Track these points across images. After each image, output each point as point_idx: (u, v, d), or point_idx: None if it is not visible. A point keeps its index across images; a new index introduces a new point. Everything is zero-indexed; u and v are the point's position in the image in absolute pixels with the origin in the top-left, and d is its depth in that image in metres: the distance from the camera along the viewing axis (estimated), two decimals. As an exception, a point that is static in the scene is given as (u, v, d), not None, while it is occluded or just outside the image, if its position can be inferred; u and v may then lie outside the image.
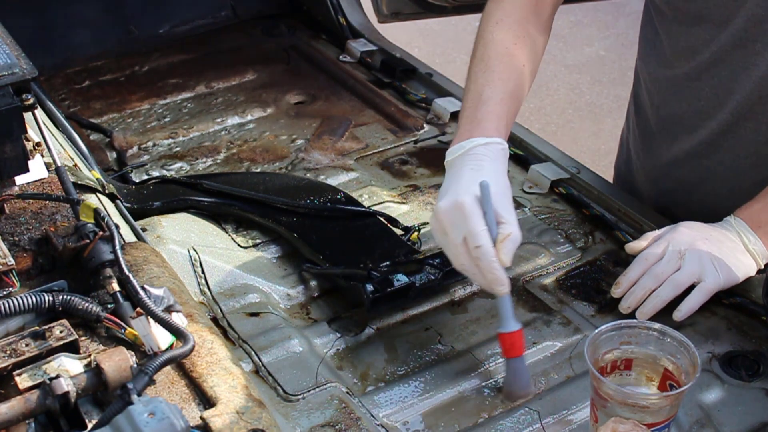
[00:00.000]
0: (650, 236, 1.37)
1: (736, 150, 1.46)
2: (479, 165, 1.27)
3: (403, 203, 1.62)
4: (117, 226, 1.11)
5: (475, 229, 1.19)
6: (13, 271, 1.05)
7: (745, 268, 1.32)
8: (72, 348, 0.97)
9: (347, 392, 1.23)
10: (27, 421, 0.90)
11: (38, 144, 1.16)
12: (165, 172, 1.72)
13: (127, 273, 1.04)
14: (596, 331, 1.14)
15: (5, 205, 1.18)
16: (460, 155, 1.30)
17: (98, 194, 1.32)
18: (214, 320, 1.33)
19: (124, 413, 0.85)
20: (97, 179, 1.38)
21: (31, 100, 1.08)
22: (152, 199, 1.53)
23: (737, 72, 1.39)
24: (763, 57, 1.35)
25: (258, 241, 1.50)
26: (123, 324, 1.01)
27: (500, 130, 1.32)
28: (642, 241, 1.38)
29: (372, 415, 1.20)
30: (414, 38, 4.39)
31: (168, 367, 0.99)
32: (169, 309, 1.03)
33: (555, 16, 1.47)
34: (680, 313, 1.29)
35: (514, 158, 1.73)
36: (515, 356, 1.22)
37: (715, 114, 1.45)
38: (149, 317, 1.00)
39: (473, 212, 1.20)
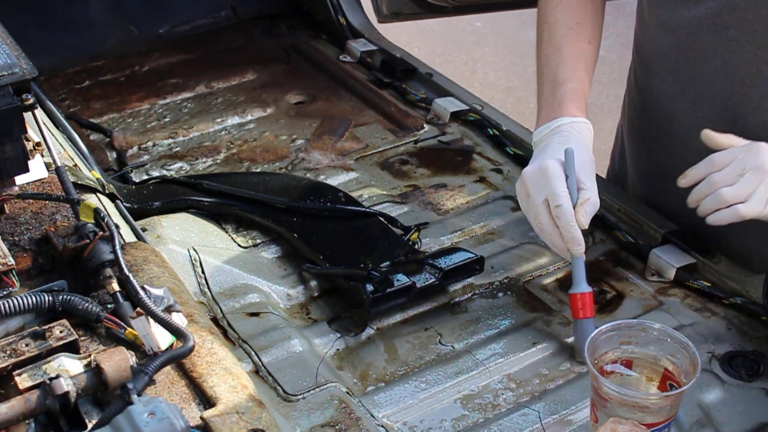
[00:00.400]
0: (733, 139, 1.33)
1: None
2: (566, 139, 1.34)
3: (403, 203, 1.62)
4: (117, 226, 1.11)
5: (557, 190, 1.27)
6: (13, 271, 1.05)
7: None
8: (72, 348, 0.97)
9: (347, 392, 1.23)
10: (27, 421, 0.90)
11: (38, 144, 1.16)
12: (165, 172, 1.72)
13: (127, 273, 1.04)
14: (596, 331, 1.14)
15: (5, 205, 1.18)
16: (548, 134, 1.37)
17: (98, 194, 1.32)
18: (214, 320, 1.33)
19: (124, 413, 0.85)
20: (97, 179, 1.38)
21: (31, 100, 1.08)
22: (152, 199, 1.53)
23: (710, 57, 1.39)
24: (739, 44, 1.35)
25: (258, 241, 1.50)
26: (123, 324, 1.01)
27: (581, 109, 1.39)
28: (722, 138, 1.33)
29: (372, 415, 1.20)
30: (414, 38, 4.38)
31: (168, 367, 0.99)
32: (169, 309, 1.03)
33: None
34: (707, 218, 1.29)
35: (514, 158, 1.73)
36: (584, 317, 1.27)
37: (690, 97, 1.45)
38: (149, 317, 1.00)
39: (556, 174, 1.28)
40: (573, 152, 1.29)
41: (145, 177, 1.69)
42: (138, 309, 1.01)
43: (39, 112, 1.17)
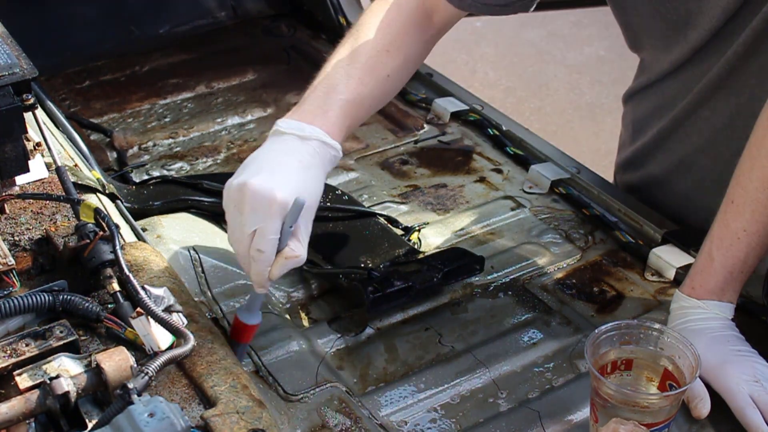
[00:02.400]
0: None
1: (692, 138, 1.46)
2: (309, 163, 1.18)
3: (403, 203, 1.62)
4: (117, 226, 1.11)
5: (267, 233, 1.11)
6: (13, 271, 1.05)
7: None
8: (72, 348, 0.97)
9: (347, 392, 1.23)
10: (27, 421, 0.90)
11: (38, 144, 1.16)
12: (165, 172, 1.72)
13: (127, 273, 1.04)
14: (596, 331, 1.14)
15: (5, 205, 1.18)
16: (295, 137, 1.20)
17: (98, 194, 1.32)
18: (214, 320, 1.33)
19: (124, 413, 0.85)
20: (97, 179, 1.39)
21: (32, 100, 1.09)
22: (152, 199, 1.53)
23: (704, 70, 1.38)
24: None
25: (258, 241, 1.50)
26: (123, 324, 1.01)
27: (342, 132, 1.24)
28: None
29: (372, 415, 1.20)
30: (414, 38, 4.38)
31: (168, 367, 0.99)
32: (169, 309, 1.03)
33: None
34: None
35: (514, 158, 1.73)
36: (242, 342, 1.22)
37: (673, 107, 1.45)
38: (149, 317, 1.00)
39: (276, 215, 1.12)
40: (303, 205, 1.12)
41: (146, 177, 1.69)
42: (138, 309, 1.01)
43: (39, 112, 1.17)
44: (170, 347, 0.99)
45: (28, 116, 1.10)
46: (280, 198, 1.12)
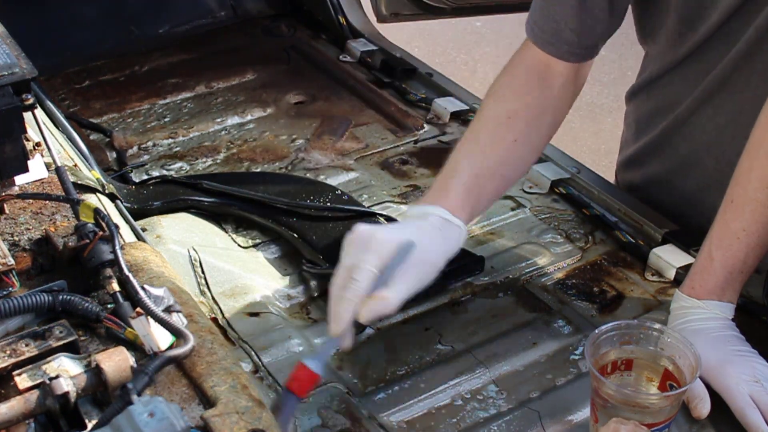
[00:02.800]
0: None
1: (695, 137, 1.46)
2: (427, 229, 1.21)
3: (403, 203, 1.61)
4: (117, 226, 1.11)
5: (365, 264, 1.11)
6: (13, 271, 1.05)
7: None
8: (72, 348, 0.97)
9: (347, 392, 1.23)
10: (27, 421, 0.89)
11: (38, 144, 1.16)
12: (165, 172, 1.72)
13: (127, 273, 1.04)
14: (596, 331, 1.14)
15: (5, 205, 1.18)
16: (417, 215, 1.24)
17: (98, 194, 1.32)
18: (214, 320, 1.33)
19: (124, 413, 0.85)
20: (97, 179, 1.39)
21: (31, 100, 1.08)
22: (152, 199, 1.53)
23: (708, 68, 1.38)
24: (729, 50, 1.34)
25: (258, 241, 1.50)
26: (123, 324, 1.01)
27: (465, 209, 1.26)
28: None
29: (372, 415, 1.20)
30: (414, 38, 4.38)
31: (168, 367, 0.99)
32: (169, 309, 1.03)
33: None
34: None
35: (514, 158, 1.73)
36: (297, 394, 1.08)
37: (677, 105, 1.45)
38: (149, 317, 1.00)
39: (378, 251, 1.12)
40: (413, 248, 1.12)
41: (145, 177, 1.69)
42: (138, 309, 1.01)
43: (39, 112, 1.17)
44: (170, 347, 0.99)
45: (27, 116, 1.10)
46: (380, 236, 1.13)
